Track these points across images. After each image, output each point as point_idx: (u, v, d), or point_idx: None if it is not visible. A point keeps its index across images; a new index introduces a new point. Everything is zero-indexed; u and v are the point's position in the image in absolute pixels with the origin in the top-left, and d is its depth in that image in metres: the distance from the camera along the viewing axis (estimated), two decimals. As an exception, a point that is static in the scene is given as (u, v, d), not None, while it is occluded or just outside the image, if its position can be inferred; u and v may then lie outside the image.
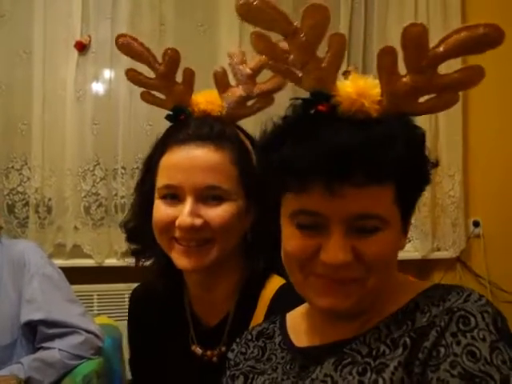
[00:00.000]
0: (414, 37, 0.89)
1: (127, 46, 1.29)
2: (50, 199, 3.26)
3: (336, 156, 0.84)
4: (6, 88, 3.26)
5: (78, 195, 3.27)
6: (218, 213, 1.23)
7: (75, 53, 3.25)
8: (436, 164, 0.96)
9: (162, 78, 1.30)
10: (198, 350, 1.36)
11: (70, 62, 3.26)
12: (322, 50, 0.93)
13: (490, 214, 3.66)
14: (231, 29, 3.39)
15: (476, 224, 3.68)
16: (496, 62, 0.96)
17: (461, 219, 3.65)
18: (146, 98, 1.37)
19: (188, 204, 1.22)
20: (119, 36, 1.30)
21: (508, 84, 3.61)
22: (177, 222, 1.22)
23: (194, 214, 1.22)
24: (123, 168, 3.28)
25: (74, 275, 2.39)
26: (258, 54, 0.98)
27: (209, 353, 1.34)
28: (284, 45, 0.94)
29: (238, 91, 1.32)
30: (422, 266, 3.58)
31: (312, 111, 0.91)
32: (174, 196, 1.25)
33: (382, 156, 0.85)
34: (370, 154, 0.85)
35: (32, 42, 3.24)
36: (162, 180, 1.26)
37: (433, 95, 0.95)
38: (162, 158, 1.27)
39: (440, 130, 3.60)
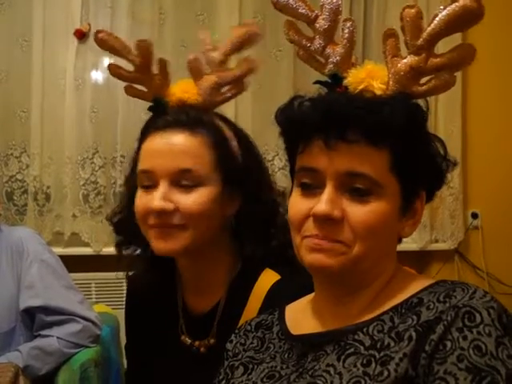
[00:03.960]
0: (410, 18, 0.97)
1: (106, 41, 1.33)
2: (48, 187, 3.27)
3: (334, 113, 0.92)
4: (5, 76, 3.26)
5: (76, 183, 3.28)
6: (190, 199, 1.23)
7: (75, 41, 3.25)
8: (455, 163, 1.03)
9: (139, 71, 1.33)
10: (187, 340, 1.37)
11: (69, 50, 3.25)
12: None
13: (489, 205, 3.67)
14: (230, 18, 3.38)
15: (474, 216, 3.69)
16: (496, 52, 0.98)
17: (459, 211, 3.65)
18: (130, 91, 1.39)
19: (160, 188, 1.23)
20: (98, 32, 1.33)
21: (508, 75, 3.60)
22: (149, 207, 1.23)
23: (165, 198, 1.22)
24: (122, 156, 3.27)
25: (72, 263, 2.39)
26: (289, 41, 1.08)
27: (197, 343, 1.35)
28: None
29: (212, 78, 1.33)
30: (420, 258, 3.58)
31: (331, 93, 0.99)
32: (150, 184, 1.25)
33: (377, 119, 0.92)
34: (365, 114, 0.92)
35: (31, 29, 3.24)
36: (140, 165, 1.28)
37: (431, 76, 1.01)
38: (141, 146, 1.29)
39: (439, 121, 3.59)
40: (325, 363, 0.93)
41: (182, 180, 1.24)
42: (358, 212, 0.93)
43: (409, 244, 3.53)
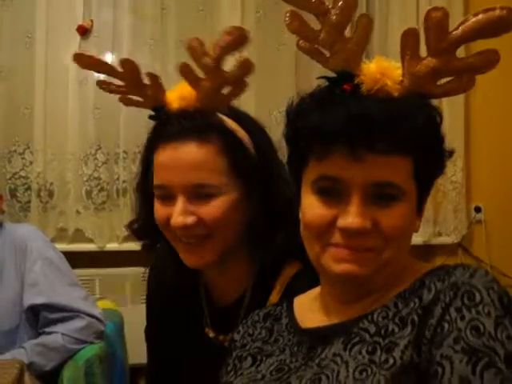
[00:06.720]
0: (436, 20, 0.93)
1: (88, 63, 1.35)
2: (51, 183, 3.27)
3: (362, 123, 0.88)
4: (8, 72, 3.26)
5: (79, 179, 3.28)
6: (209, 209, 1.21)
7: (77, 37, 3.25)
8: (451, 153, 1.00)
9: (129, 86, 1.30)
10: (211, 333, 1.36)
11: (72, 46, 3.24)
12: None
13: (492, 199, 3.66)
14: (232, 13, 3.38)
15: (478, 209, 3.68)
16: (499, 46, 0.97)
17: (462, 205, 3.64)
18: (126, 101, 1.35)
19: (178, 203, 1.21)
20: (77, 55, 1.35)
21: (511, 69, 3.59)
22: (171, 223, 1.22)
23: (185, 212, 1.20)
24: (125, 152, 3.28)
25: (76, 259, 2.40)
26: (291, 32, 1.00)
27: (221, 337, 1.34)
28: (315, 25, 0.99)
29: (208, 83, 1.30)
30: (424, 252, 3.58)
31: (337, 91, 0.94)
32: (166, 196, 1.23)
33: (405, 127, 0.89)
34: (394, 124, 0.89)
35: (34, 26, 3.24)
36: (155, 180, 1.25)
37: (450, 78, 0.99)
38: (154, 156, 1.26)
39: (442, 116, 3.58)
40: (331, 353, 0.93)
41: (199, 192, 1.22)
42: (388, 217, 0.91)
43: (412, 238, 3.51)
